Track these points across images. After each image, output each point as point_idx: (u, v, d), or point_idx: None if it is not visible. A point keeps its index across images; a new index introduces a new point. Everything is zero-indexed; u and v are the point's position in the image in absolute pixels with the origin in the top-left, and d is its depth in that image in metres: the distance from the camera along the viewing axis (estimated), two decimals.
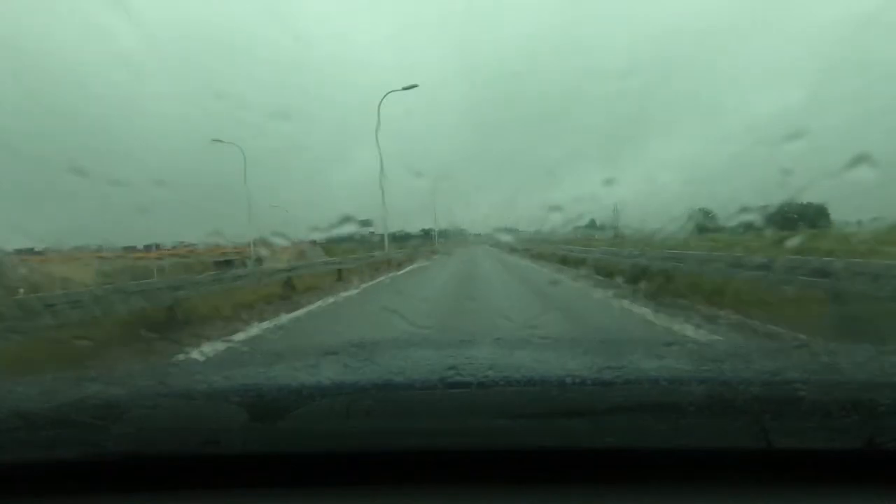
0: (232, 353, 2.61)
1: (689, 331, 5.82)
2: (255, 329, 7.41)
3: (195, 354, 5.37)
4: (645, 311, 7.41)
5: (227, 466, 0.92)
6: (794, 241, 6.83)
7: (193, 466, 0.92)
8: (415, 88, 27.87)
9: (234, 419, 0.92)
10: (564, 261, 18.18)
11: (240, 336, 6.86)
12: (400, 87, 28.31)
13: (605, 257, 14.67)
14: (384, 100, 28.28)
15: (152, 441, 0.92)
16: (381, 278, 16.76)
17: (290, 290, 12.27)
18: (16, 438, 0.94)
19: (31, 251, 19.26)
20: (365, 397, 0.95)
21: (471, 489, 0.88)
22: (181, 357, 4.64)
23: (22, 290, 9.31)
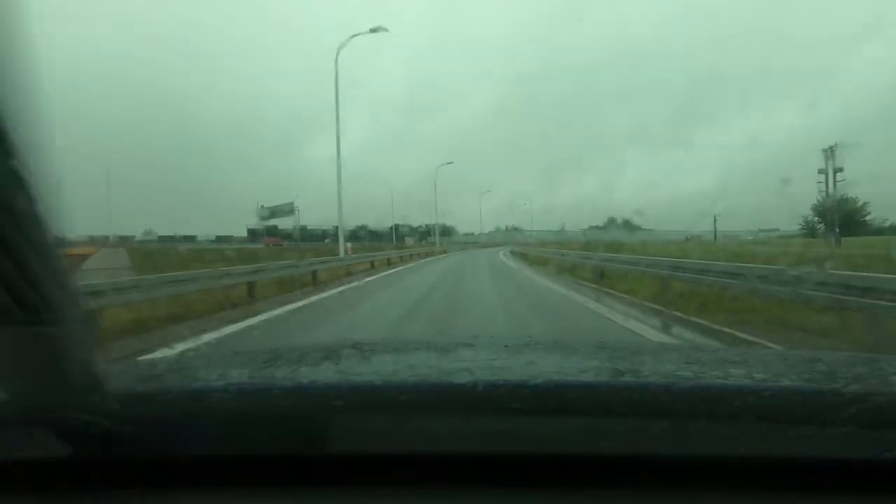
0: (228, 352, 2.61)
1: None
2: None
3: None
4: None
5: (223, 466, 0.94)
6: None
7: (189, 466, 0.94)
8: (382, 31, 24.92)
9: (230, 418, 0.94)
10: None
11: None
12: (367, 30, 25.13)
13: None
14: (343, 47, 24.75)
15: (149, 440, 0.94)
16: None
17: None
18: (12, 435, 0.95)
19: None
20: (362, 398, 0.97)
21: (467, 492, 0.90)
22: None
23: None
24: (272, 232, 63.54)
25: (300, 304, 11.14)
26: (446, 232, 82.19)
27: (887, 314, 5.22)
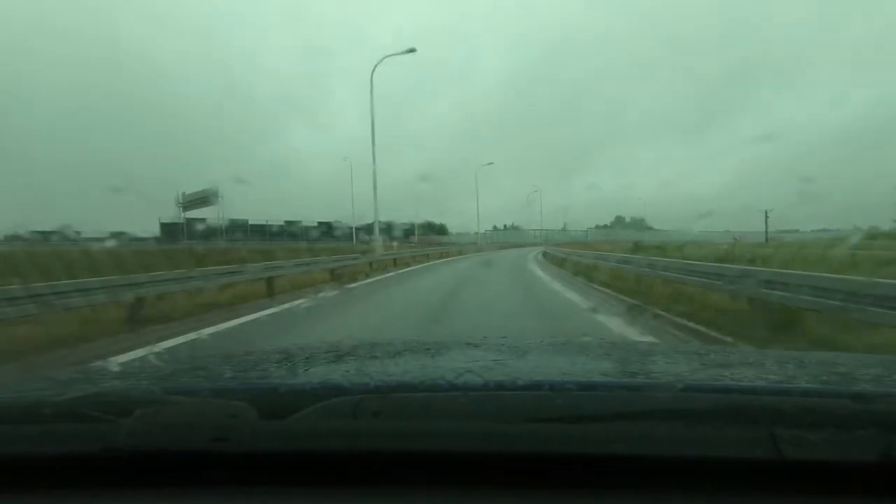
0: (241, 351, 2.17)
1: None
2: None
3: None
4: None
5: (236, 463, 0.95)
6: None
7: (202, 463, 0.96)
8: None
9: (243, 417, 0.95)
10: None
11: None
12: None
13: None
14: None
15: (162, 437, 0.96)
16: None
17: None
18: (28, 432, 0.99)
19: None
20: (373, 398, 0.98)
21: (477, 493, 0.91)
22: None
23: None
24: (192, 226, 51.86)
25: None
26: (440, 230, 71.08)
27: None
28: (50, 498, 0.94)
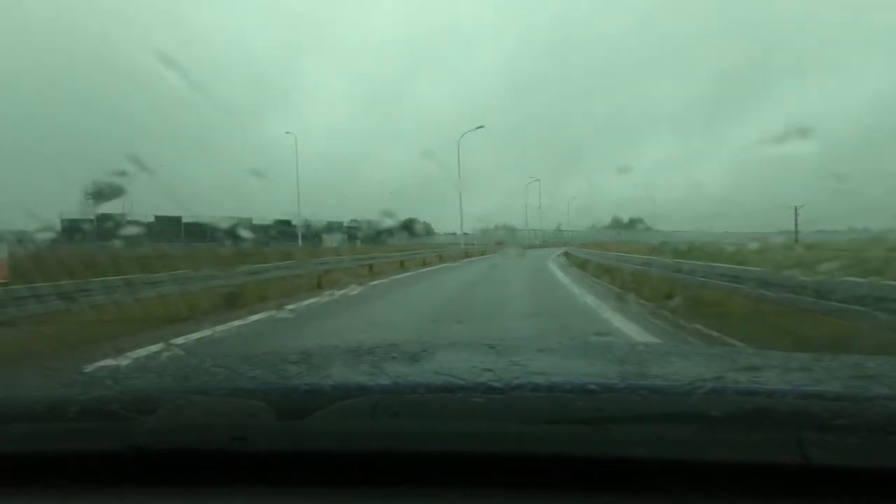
0: (260, 351, 2.32)
1: None
2: None
3: None
4: None
5: (254, 463, 0.96)
6: None
7: (221, 462, 0.97)
8: None
9: (262, 417, 0.96)
10: None
11: None
12: None
13: None
14: None
15: (182, 436, 0.97)
16: None
17: None
18: (52, 429, 1.01)
19: None
20: (392, 398, 0.99)
21: (496, 495, 0.91)
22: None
23: None
24: (105, 221, 44.43)
25: None
26: (426, 230, 64.42)
27: None
28: (68, 495, 0.95)
